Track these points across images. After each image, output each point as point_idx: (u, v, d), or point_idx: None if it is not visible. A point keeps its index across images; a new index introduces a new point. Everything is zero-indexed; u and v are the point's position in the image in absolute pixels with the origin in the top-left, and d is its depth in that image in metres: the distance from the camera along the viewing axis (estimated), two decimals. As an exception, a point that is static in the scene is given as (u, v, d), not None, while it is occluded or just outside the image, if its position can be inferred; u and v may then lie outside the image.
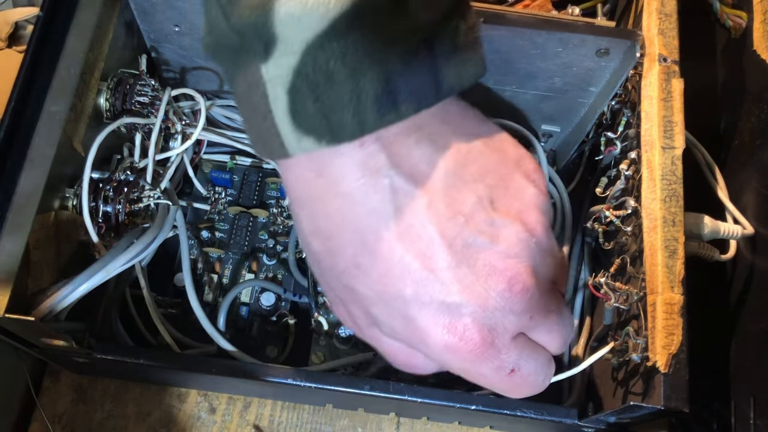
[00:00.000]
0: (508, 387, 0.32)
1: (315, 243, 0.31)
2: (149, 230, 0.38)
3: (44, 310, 0.34)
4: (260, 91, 0.27)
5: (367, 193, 0.29)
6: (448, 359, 0.31)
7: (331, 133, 0.27)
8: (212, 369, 0.39)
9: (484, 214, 0.30)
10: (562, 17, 0.41)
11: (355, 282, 0.31)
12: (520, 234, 0.30)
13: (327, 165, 0.29)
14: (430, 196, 0.29)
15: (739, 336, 0.42)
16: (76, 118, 0.38)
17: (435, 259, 0.29)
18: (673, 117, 0.38)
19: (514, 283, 0.30)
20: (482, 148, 0.31)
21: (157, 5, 0.41)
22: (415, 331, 0.30)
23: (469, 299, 0.29)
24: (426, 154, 0.30)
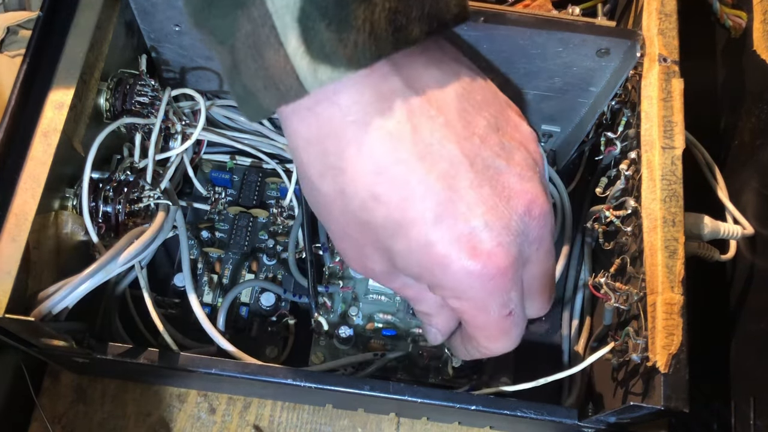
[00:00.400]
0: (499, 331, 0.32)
1: (325, 184, 0.30)
2: (149, 230, 0.38)
3: (44, 310, 0.34)
4: (268, 25, 0.26)
5: (383, 116, 0.28)
6: (464, 287, 0.30)
7: (348, 59, 0.26)
8: (212, 369, 0.39)
9: (496, 137, 0.30)
10: (562, 17, 0.41)
11: (371, 215, 0.29)
12: (528, 159, 0.30)
13: (338, 92, 0.28)
14: (447, 116, 0.29)
15: (739, 336, 0.42)
16: (76, 118, 0.38)
17: (458, 178, 0.28)
18: (673, 117, 0.38)
19: (533, 206, 0.29)
20: (481, 82, 0.32)
21: (157, 5, 0.41)
22: (436, 257, 0.29)
23: (493, 221, 0.28)
24: (435, 77, 0.29)
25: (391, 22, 0.26)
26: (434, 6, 0.27)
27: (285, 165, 0.49)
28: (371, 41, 0.26)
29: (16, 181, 0.35)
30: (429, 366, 0.46)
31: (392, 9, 0.26)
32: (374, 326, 0.47)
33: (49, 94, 0.37)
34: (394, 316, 0.47)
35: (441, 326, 0.36)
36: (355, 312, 0.47)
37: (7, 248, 0.34)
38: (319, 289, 0.46)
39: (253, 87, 0.28)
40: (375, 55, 0.27)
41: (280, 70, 0.27)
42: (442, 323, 0.36)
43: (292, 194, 0.47)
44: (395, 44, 0.27)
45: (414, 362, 0.46)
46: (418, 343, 0.46)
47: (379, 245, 0.31)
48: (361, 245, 0.31)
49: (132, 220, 0.40)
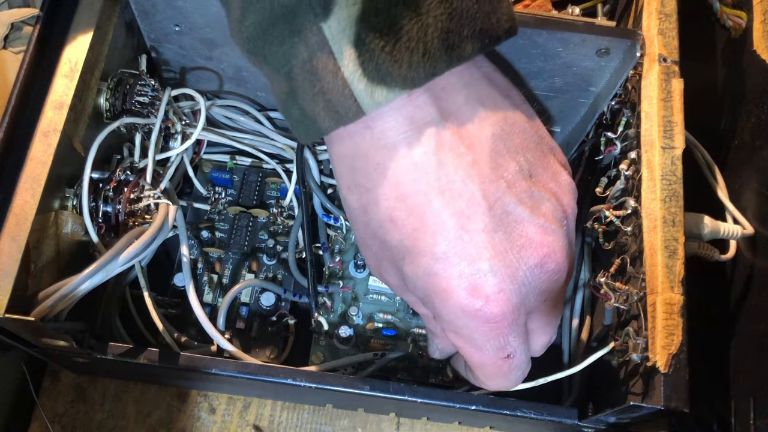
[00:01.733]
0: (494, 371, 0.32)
1: (352, 199, 0.31)
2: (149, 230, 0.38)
3: (44, 310, 0.34)
4: (325, 50, 0.27)
5: (412, 145, 0.28)
6: (460, 324, 0.30)
7: (403, 79, 0.27)
8: (212, 369, 0.39)
9: (525, 184, 0.30)
10: (562, 17, 0.41)
11: (387, 236, 0.30)
12: (557, 212, 0.30)
13: (374, 119, 0.28)
14: (475, 155, 0.29)
15: (739, 336, 0.42)
16: (76, 118, 0.38)
17: (473, 219, 0.28)
18: (673, 117, 0.38)
19: (547, 260, 0.29)
20: (525, 124, 0.31)
21: (157, 5, 0.41)
22: (437, 289, 0.29)
23: (499, 267, 0.29)
24: (474, 113, 0.29)
25: (443, 42, 0.27)
26: (486, 23, 0.28)
27: (285, 165, 0.49)
28: (425, 60, 0.27)
29: (16, 181, 0.35)
30: (429, 366, 0.46)
31: (444, 29, 0.27)
32: (374, 326, 0.47)
33: (49, 94, 0.37)
34: (394, 316, 0.47)
35: (442, 347, 0.38)
36: (355, 312, 0.47)
37: (7, 248, 0.34)
38: (319, 289, 0.46)
39: (312, 111, 0.29)
40: (429, 74, 0.27)
41: (338, 93, 0.27)
42: (444, 345, 0.37)
43: (292, 194, 0.47)
44: (448, 63, 0.27)
45: (414, 362, 0.46)
46: (418, 343, 0.46)
47: (393, 263, 0.31)
48: (380, 258, 0.32)
49: (132, 220, 0.40)
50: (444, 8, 0.26)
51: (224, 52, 0.44)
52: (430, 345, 0.39)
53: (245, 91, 0.48)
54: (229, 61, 0.45)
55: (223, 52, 0.44)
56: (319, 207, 0.46)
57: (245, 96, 0.48)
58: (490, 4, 0.28)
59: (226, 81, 0.47)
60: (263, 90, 0.48)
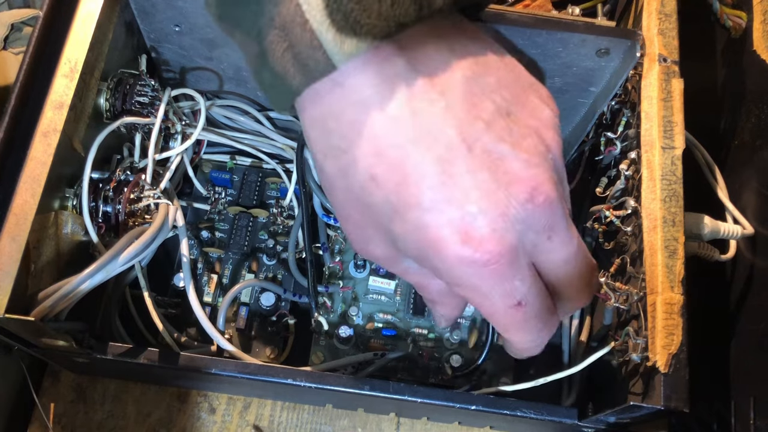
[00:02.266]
0: (510, 321, 0.31)
1: (329, 164, 0.30)
2: (149, 230, 0.38)
3: (44, 310, 0.34)
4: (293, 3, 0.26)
5: (383, 99, 0.28)
6: (460, 274, 0.29)
7: (372, 28, 0.26)
8: (212, 369, 0.39)
9: (503, 122, 0.29)
10: (562, 17, 0.41)
11: (371, 197, 0.29)
12: (538, 146, 0.30)
13: (343, 74, 0.28)
14: (449, 100, 0.28)
15: (739, 336, 0.42)
16: (76, 118, 0.38)
17: (454, 163, 0.28)
18: (673, 117, 0.38)
19: (536, 193, 0.29)
20: (499, 63, 0.31)
21: (157, 5, 0.41)
22: (429, 242, 0.29)
23: (488, 206, 0.28)
24: (444, 59, 0.29)
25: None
26: None
27: (285, 165, 0.49)
28: (393, 9, 0.26)
29: (16, 181, 0.35)
30: (429, 366, 0.46)
31: None
32: (374, 326, 0.47)
33: (49, 94, 0.37)
34: (394, 316, 0.47)
35: (446, 313, 0.36)
36: (355, 312, 0.47)
37: (7, 248, 0.34)
38: (319, 289, 0.46)
39: (282, 69, 0.28)
40: (398, 24, 0.27)
41: (307, 45, 0.27)
42: (447, 311, 0.36)
43: (292, 194, 0.47)
44: (419, 12, 0.27)
45: (414, 362, 0.46)
46: (418, 343, 0.46)
47: (380, 227, 0.31)
48: (363, 227, 0.31)
49: (132, 220, 0.40)
50: None
51: (224, 52, 0.44)
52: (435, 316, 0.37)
53: (245, 91, 0.48)
54: (229, 61, 0.45)
55: (223, 52, 0.44)
56: (319, 207, 0.46)
57: (245, 96, 0.48)
58: None
59: (226, 81, 0.47)
60: (263, 90, 0.48)
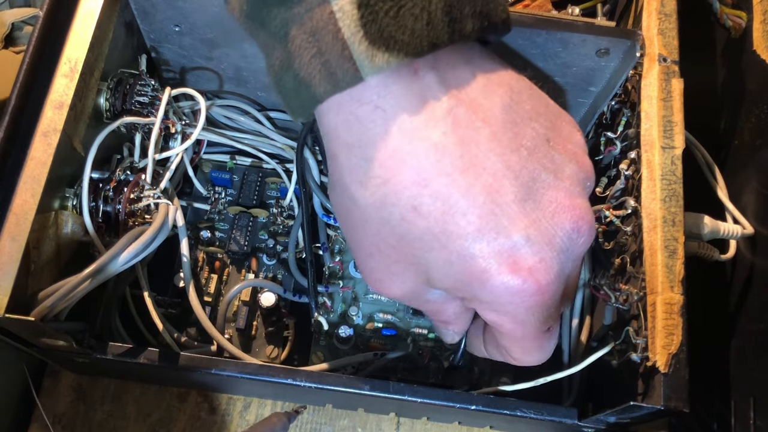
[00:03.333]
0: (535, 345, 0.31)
1: (365, 194, 0.29)
2: (149, 230, 0.38)
3: (44, 310, 0.34)
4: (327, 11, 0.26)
5: (428, 126, 0.28)
6: (504, 302, 0.29)
7: (406, 45, 0.26)
8: (212, 369, 0.39)
9: (545, 149, 0.29)
10: (562, 17, 0.41)
11: (410, 227, 0.29)
12: (579, 174, 0.30)
13: (385, 98, 0.28)
14: (493, 128, 0.28)
15: (739, 336, 0.42)
16: (76, 118, 0.38)
17: (502, 191, 0.28)
18: (673, 117, 0.38)
19: (581, 223, 0.29)
20: (530, 91, 0.31)
21: (157, 5, 0.41)
22: (475, 271, 0.28)
23: (536, 236, 0.28)
24: (482, 87, 0.29)
25: (446, 14, 0.26)
26: (485, 6, 0.28)
27: (285, 165, 0.49)
28: (428, 29, 0.26)
29: (16, 181, 0.35)
30: (429, 366, 0.46)
31: (447, 2, 0.27)
32: (374, 326, 0.47)
33: (49, 94, 0.37)
34: (394, 316, 0.47)
35: (458, 329, 0.36)
36: (355, 312, 0.47)
37: (7, 248, 0.34)
38: (319, 289, 0.46)
39: (308, 75, 0.28)
40: (431, 44, 0.27)
41: (337, 55, 0.27)
42: (459, 326, 0.36)
43: (292, 194, 0.47)
44: (450, 35, 0.27)
45: (414, 362, 0.46)
46: (418, 343, 0.46)
47: (414, 260, 0.30)
48: (392, 262, 0.31)
49: (132, 220, 0.40)
50: None
51: (224, 52, 0.44)
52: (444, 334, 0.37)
53: (245, 91, 0.48)
54: (229, 62, 0.45)
55: (223, 53, 0.44)
56: (319, 207, 0.46)
57: (245, 96, 0.48)
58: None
59: (226, 81, 0.47)
60: (263, 90, 0.48)
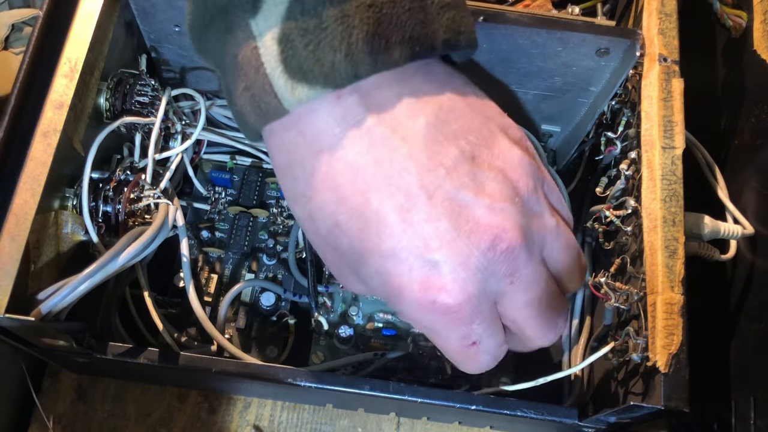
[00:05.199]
0: (460, 358, 0.32)
1: (298, 209, 0.31)
2: (149, 230, 0.38)
3: (44, 310, 0.34)
4: (251, 46, 0.27)
5: (345, 147, 0.28)
6: (419, 318, 0.30)
7: (325, 77, 0.27)
8: (212, 369, 0.39)
9: (467, 167, 0.29)
10: (562, 16, 0.41)
11: (337, 242, 0.30)
12: (504, 189, 0.29)
13: (306, 123, 0.28)
14: (410, 147, 0.28)
15: (739, 336, 0.42)
16: (76, 118, 0.38)
17: (414, 211, 0.28)
18: (673, 117, 0.38)
19: (498, 241, 0.28)
20: (465, 109, 0.30)
21: (157, 5, 0.41)
22: (392, 287, 0.29)
23: (449, 256, 0.28)
24: (406, 106, 0.29)
25: (367, 44, 0.27)
26: (417, 31, 0.27)
27: (285, 165, 0.49)
28: (347, 61, 0.27)
29: (16, 181, 0.35)
30: (429, 366, 0.46)
31: (370, 32, 0.27)
32: (374, 326, 0.47)
33: (49, 94, 0.37)
34: (394, 315, 0.47)
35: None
36: (355, 312, 0.47)
37: (7, 248, 0.34)
38: (319, 289, 0.46)
39: (242, 107, 0.29)
40: (351, 76, 0.27)
41: (260, 89, 0.28)
42: None
43: (292, 194, 0.47)
44: (373, 66, 0.27)
45: (414, 362, 0.46)
46: (418, 343, 0.46)
47: (350, 269, 0.31)
48: (338, 266, 0.32)
49: (132, 220, 0.40)
50: (372, 12, 0.27)
51: (224, 52, 0.44)
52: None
53: (245, 91, 0.48)
54: (229, 61, 0.45)
55: (223, 52, 0.44)
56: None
57: (245, 96, 0.48)
58: (425, 15, 0.28)
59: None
60: (263, 90, 0.48)
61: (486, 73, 0.42)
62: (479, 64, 0.41)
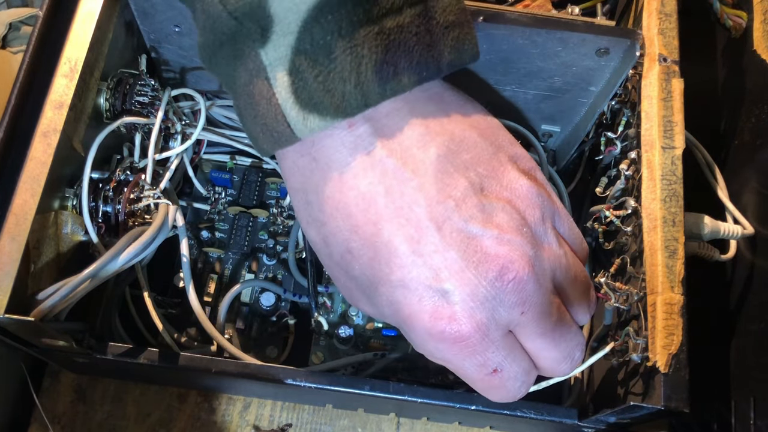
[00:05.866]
0: (486, 387, 0.32)
1: (311, 232, 0.31)
2: (149, 230, 0.38)
3: (44, 310, 0.34)
4: (262, 76, 0.27)
5: (357, 176, 0.29)
6: (431, 349, 0.30)
7: (335, 108, 0.27)
8: (212, 369, 0.39)
9: (476, 199, 0.29)
10: (561, 16, 0.41)
11: (349, 267, 0.30)
12: (512, 220, 0.30)
13: (319, 150, 0.29)
14: (420, 179, 0.29)
15: (739, 336, 0.42)
16: (76, 118, 0.38)
17: (423, 242, 0.28)
18: (673, 117, 0.38)
19: (506, 271, 0.29)
20: (477, 139, 0.31)
21: (157, 5, 0.41)
22: (402, 316, 0.29)
23: (458, 286, 0.28)
24: (417, 137, 0.29)
25: (377, 73, 0.27)
26: (424, 55, 0.28)
27: (285, 165, 0.49)
28: (357, 91, 0.27)
29: (16, 181, 0.35)
30: (429, 366, 0.46)
31: (379, 61, 0.27)
32: (374, 326, 0.47)
33: (49, 94, 0.37)
34: (394, 316, 0.47)
35: None
36: (355, 312, 0.47)
37: (7, 248, 0.34)
38: (319, 289, 0.46)
39: (253, 132, 0.29)
40: (361, 105, 0.27)
41: (272, 119, 0.28)
42: None
43: (292, 194, 0.47)
44: (383, 94, 0.27)
45: (414, 362, 0.46)
46: (418, 343, 0.46)
47: (362, 293, 0.31)
48: (350, 288, 0.32)
49: (132, 220, 0.40)
50: (380, 40, 0.27)
51: (224, 52, 0.44)
52: None
53: (245, 91, 0.48)
54: (229, 61, 0.45)
55: (223, 52, 0.44)
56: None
57: (245, 96, 0.48)
58: (431, 37, 0.28)
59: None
60: (263, 90, 0.48)
61: (486, 73, 0.42)
62: (479, 64, 0.41)
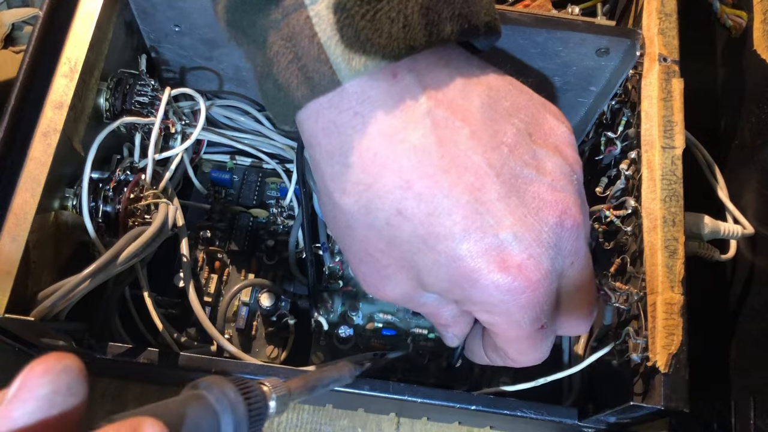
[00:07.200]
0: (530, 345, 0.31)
1: (348, 201, 0.29)
2: (149, 230, 0.38)
3: (44, 310, 0.34)
4: (302, 15, 0.26)
5: (406, 129, 0.28)
6: (495, 301, 0.29)
7: (382, 49, 0.26)
8: (212, 369, 0.39)
9: (525, 145, 0.29)
10: (562, 16, 0.41)
11: (398, 232, 0.29)
12: (562, 167, 0.30)
13: (362, 103, 0.28)
14: (472, 127, 0.28)
15: (739, 336, 0.42)
16: (76, 118, 0.38)
17: (485, 189, 0.28)
18: (673, 117, 0.38)
19: (565, 217, 0.28)
20: (510, 87, 0.31)
21: (157, 5, 0.41)
22: (464, 272, 0.28)
23: (523, 232, 0.28)
24: (460, 87, 0.29)
25: (423, 16, 0.27)
26: (465, 8, 0.28)
27: (285, 165, 0.49)
28: (405, 32, 0.26)
29: (16, 181, 0.35)
30: (429, 366, 0.46)
31: (424, 5, 0.27)
32: (374, 326, 0.47)
33: (49, 94, 0.37)
34: (394, 316, 0.47)
35: (458, 332, 0.36)
36: (356, 312, 0.47)
37: (7, 248, 0.34)
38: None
39: (286, 81, 0.28)
40: (408, 48, 0.27)
41: (313, 59, 0.27)
42: (459, 330, 0.36)
43: (292, 194, 0.47)
44: (428, 38, 0.27)
45: (414, 362, 0.46)
46: (418, 343, 0.46)
47: (405, 263, 0.30)
48: (384, 266, 0.31)
49: (132, 220, 0.40)
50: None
51: (224, 52, 0.44)
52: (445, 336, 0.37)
53: (245, 91, 0.48)
54: (229, 62, 0.45)
55: (223, 53, 0.44)
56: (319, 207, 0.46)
57: (245, 96, 0.48)
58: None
59: (226, 81, 0.47)
60: (263, 90, 0.48)
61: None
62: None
